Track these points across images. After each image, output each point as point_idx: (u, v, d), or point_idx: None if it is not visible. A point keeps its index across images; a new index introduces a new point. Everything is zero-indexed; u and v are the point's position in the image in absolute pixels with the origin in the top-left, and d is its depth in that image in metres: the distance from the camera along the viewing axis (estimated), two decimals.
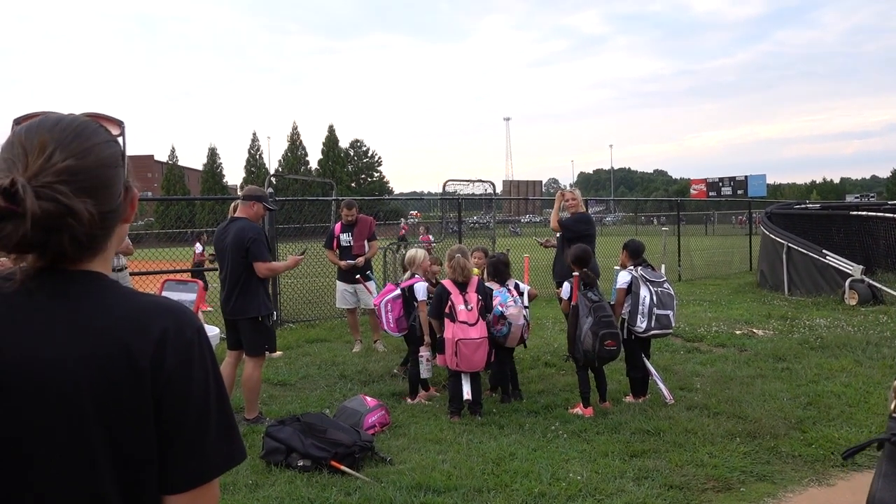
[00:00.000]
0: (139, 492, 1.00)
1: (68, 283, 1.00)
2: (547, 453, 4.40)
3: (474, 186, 12.66)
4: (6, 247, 0.93)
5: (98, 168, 0.99)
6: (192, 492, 1.02)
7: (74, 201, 0.93)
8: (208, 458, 1.03)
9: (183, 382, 1.01)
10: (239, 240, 4.96)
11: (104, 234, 1.02)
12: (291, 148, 63.59)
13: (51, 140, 0.96)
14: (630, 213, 43.43)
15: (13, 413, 0.93)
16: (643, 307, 5.44)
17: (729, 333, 8.31)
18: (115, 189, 1.02)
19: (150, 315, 1.01)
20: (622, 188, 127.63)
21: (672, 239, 16.76)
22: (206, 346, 1.05)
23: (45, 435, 0.94)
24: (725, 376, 6.25)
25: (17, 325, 0.96)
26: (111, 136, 1.05)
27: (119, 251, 5.69)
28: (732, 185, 54.22)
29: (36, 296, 0.98)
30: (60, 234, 0.94)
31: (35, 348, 0.95)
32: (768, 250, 12.84)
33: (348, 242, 7.64)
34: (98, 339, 0.97)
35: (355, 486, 3.92)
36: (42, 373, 0.94)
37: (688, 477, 4.01)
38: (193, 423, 1.02)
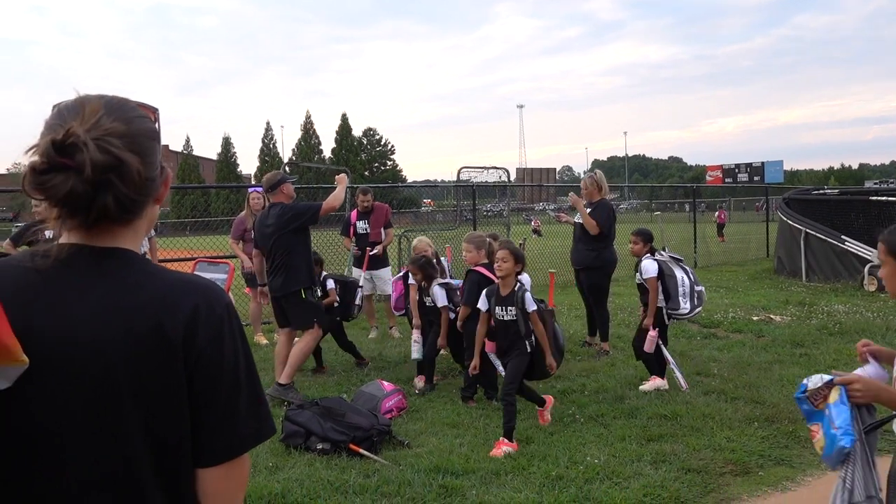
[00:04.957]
0: (173, 466, 1.02)
1: (101, 261, 1.02)
2: (564, 437, 4.42)
3: (489, 173, 12.62)
4: (53, 197, 0.95)
5: (141, 136, 1.02)
6: (224, 465, 1.05)
7: (126, 154, 0.96)
8: (239, 432, 1.05)
9: (214, 358, 1.03)
10: (281, 218, 5.20)
11: (142, 202, 1.04)
12: (305, 137, 63.76)
13: (100, 106, 1.00)
14: (645, 200, 43.12)
15: (50, 391, 0.95)
16: (683, 288, 5.35)
17: (746, 319, 8.26)
18: (154, 160, 1.05)
19: (181, 292, 1.03)
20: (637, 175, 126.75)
21: (687, 226, 16.65)
22: (235, 323, 1.07)
23: (80, 412, 0.96)
24: (743, 362, 6.23)
25: (52, 302, 0.98)
26: (148, 116, 1.09)
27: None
28: (749, 172, 53.70)
29: (71, 272, 1.00)
30: (106, 193, 0.96)
31: (70, 326, 0.97)
32: (786, 236, 12.72)
33: (364, 230, 7.67)
34: (131, 316, 0.99)
35: (374, 468, 3.96)
36: (77, 351, 0.96)
37: (706, 461, 4.01)
38: (224, 398, 1.04)
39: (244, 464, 1.09)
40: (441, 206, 30.40)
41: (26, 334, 0.92)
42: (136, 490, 1.00)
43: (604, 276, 6.72)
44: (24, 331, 0.92)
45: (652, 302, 5.35)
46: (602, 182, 6.86)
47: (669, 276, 5.37)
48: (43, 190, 0.94)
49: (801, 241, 11.85)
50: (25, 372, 0.92)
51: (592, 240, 6.62)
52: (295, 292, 5.24)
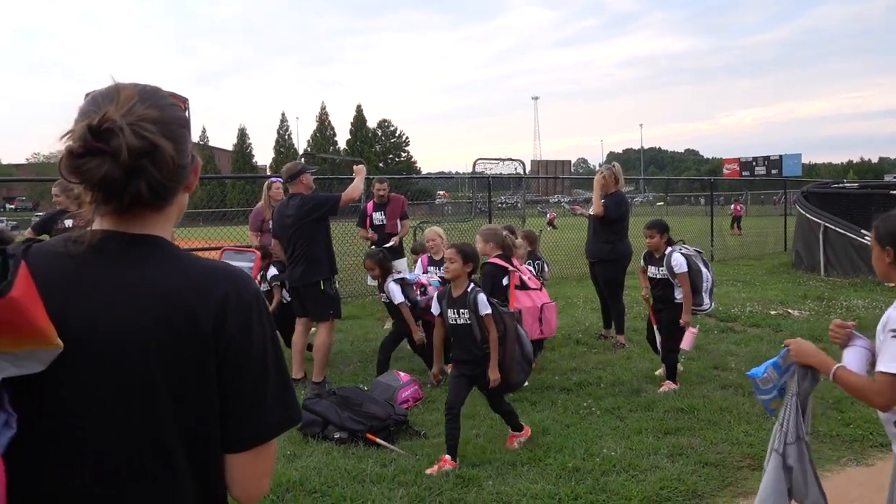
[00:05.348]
0: (203, 451, 1.04)
1: (133, 247, 1.04)
2: (580, 429, 4.42)
3: (504, 165, 12.60)
4: (88, 181, 0.96)
5: (173, 122, 1.04)
6: (252, 450, 1.06)
7: (160, 139, 0.98)
8: (267, 419, 1.07)
9: (243, 345, 1.04)
10: (301, 208, 5.25)
11: (173, 187, 1.05)
12: (320, 128, 63.88)
13: (134, 93, 1.01)
14: (661, 193, 42.82)
15: (82, 376, 0.97)
16: (707, 284, 5.26)
17: (763, 314, 8.20)
18: (185, 147, 1.06)
19: (211, 280, 1.05)
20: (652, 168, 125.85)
21: (704, 219, 16.52)
22: (264, 310, 1.08)
23: (112, 397, 0.98)
24: (761, 356, 6.17)
25: (85, 288, 0.99)
26: (179, 104, 1.10)
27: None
28: (767, 165, 53.10)
29: (103, 259, 1.02)
30: (140, 179, 0.98)
31: (102, 312, 0.98)
32: (804, 230, 12.58)
33: (381, 221, 7.70)
34: (163, 303, 1.00)
35: (391, 458, 3.99)
36: (109, 336, 0.98)
37: (723, 454, 4.00)
38: (253, 385, 1.05)
39: (271, 450, 1.10)
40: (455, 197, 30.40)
41: (60, 319, 0.94)
42: (167, 475, 1.01)
43: (619, 268, 6.70)
44: (58, 315, 0.94)
45: (686, 297, 5.16)
46: (619, 175, 6.84)
47: (696, 271, 5.23)
48: (79, 174, 0.96)
49: (819, 236, 11.72)
50: (58, 356, 0.94)
51: (607, 232, 6.60)
52: (314, 283, 5.27)
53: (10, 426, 0.93)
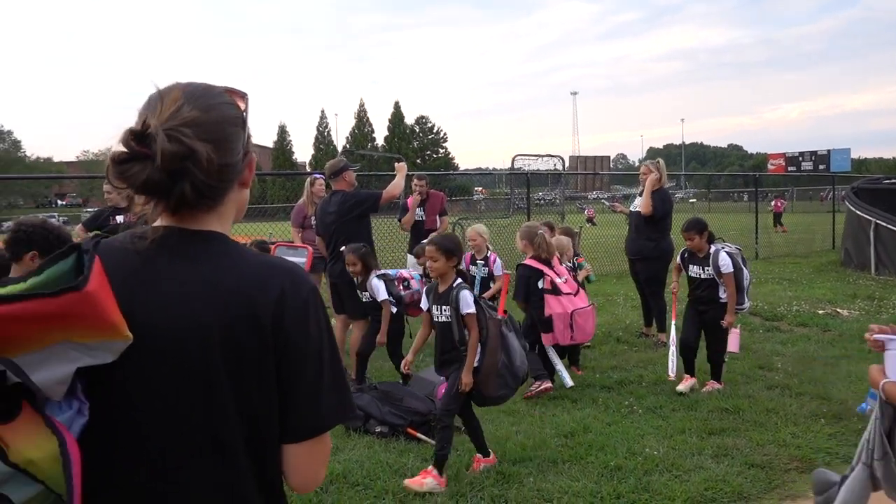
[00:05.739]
0: (262, 442, 1.07)
1: (195, 243, 1.07)
2: (622, 428, 4.38)
3: (543, 161, 12.52)
4: (133, 185, 1.00)
5: (220, 122, 1.05)
6: (308, 442, 1.09)
7: (196, 143, 1.00)
8: (322, 411, 1.09)
9: (300, 340, 1.06)
10: (343, 205, 5.33)
11: (222, 187, 1.08)
12: (358, 125, 64.42)
13: (182, 95, 1.04)
14: (702, 190, 41.99)
15: (150, 366, 1.00)
16: (746, 283, 5.17)
17: (811, 313, 7.98)
18: (234, 146, 1.08)
19: (268, 275, 1.07)
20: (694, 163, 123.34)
21: (748, 216, 16.15)
22: (319, 305, 1.11)
23: (178, 387, 1.01)
24: (808, 356, 6.03)
25: (152, 281, 1.03)
26: (235, 102, 1.12)
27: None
28: (814, 160, 51.63)
29: (167, 254, 1.05)
30: (184, 181, 1.01)
31: (167, 305, 1.02)
32: (854, 227, 12.20)
33: (421, 217, 7.72)
34: (225, 297, 1.03)
35: (431, 453, 4.00)
36: (174, 328, 1.01)
37: (770, 456, 3.92)
38: (310, 378, 1.08)
39: (327, 441, 1.13)
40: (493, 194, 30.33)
41: (128, 312, 0.97)
42: (228, 467, 1.04)
43: (661, 266, 6.60)
44: (127, 308, 0.97)
45: (731, 298, 5.03)
46: (662, 171, 6.74)
47: (739, 270, 5.11)
48: (123, 178, 0.99)
49: (870, 233, 11.34)
50: (128, 347, 0.98)
51: (651, 229, 6.51)
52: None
53: (82, 414, 0.97)
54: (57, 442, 0.90)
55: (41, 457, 0.90)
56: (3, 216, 34.74)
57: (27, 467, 0.90)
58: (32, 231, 2.68)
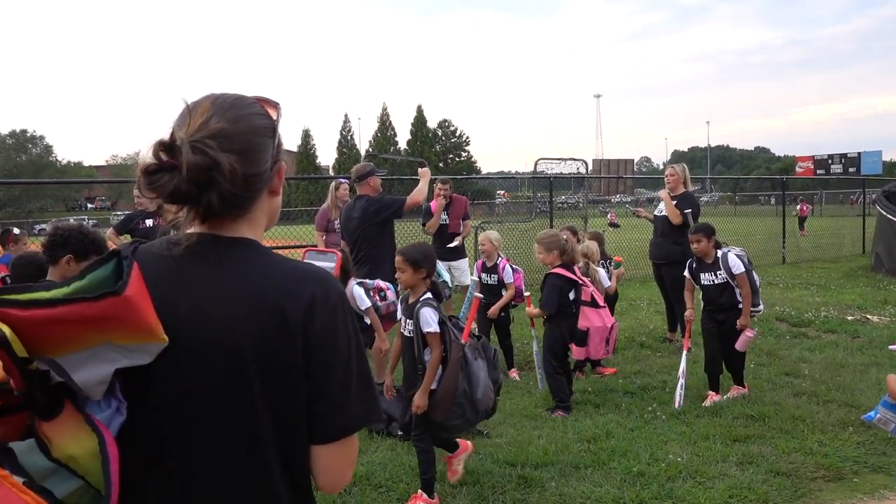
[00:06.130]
0: (291, 442, 1.10)
1: (226, 249, 1.10)
2: (645, 434, 4.36)
3: (566, 165, 12.47)
4: (161, 195, 1.04)
5: (247, 133, 1.09)
6: (336, 443, 1.12)
7: (220, 155, 1.03)
8: (350, 413, 1.12)
9: (329, 344, 1.10)
10: (366, 210, 5.36)
11: (249, 196, 1.11)
12: (381, 129, 64.72)
13: (211, 107, 1.07)
14: (728, 193, 41.45)
15: (184, 368, 1.04)
16: (757, 285, 5.08)
17: (840, 319, 7.85)
18: (261, 155, 1.11)
19: (299, 281, 1.11)
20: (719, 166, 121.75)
21: (775, 220, 15.92)
22: (348, 311, 1.14)
23: (212, 389, 1.05)
24: (836, 363, 5.94)
25: (186, 285, 1.07)
26: (265, 112, 1.15)
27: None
28: (843, 163, 50.64)
29: (201, 260, 1.09)
30: (210, 191, 1.04)
31: (202, 308, 1.05)
32: (885, 232, 11.97)
33: (444, 221, 7.75)
34: (257, 301, 1.07)
35: None
36: (208, 331, 1.05)
37: (796, 464, 3.87)
38: (338, 381, 1.11)
39: (354, 442, 1.16)
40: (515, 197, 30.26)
41: (164, 315, 1.01)
42: (262, 462, 1.08)
43: None
44: (163, 312, 1.01)
45: (747, 298, 4.93)
46: (687, 175, 6.73)
47: (750, 270, 5.03)
48: (152, 188, 1.03)
49: None
50: (163, 349, 1.01)
51: (677, 233, 6.46)
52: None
53: (120, 413, 1.01)
54: (97, 439, 0.94)
55: (82, 453, 0.94)
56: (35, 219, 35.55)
57: (68, 463, 0.94)
58: (69, 235, 2.77)
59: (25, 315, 0.90)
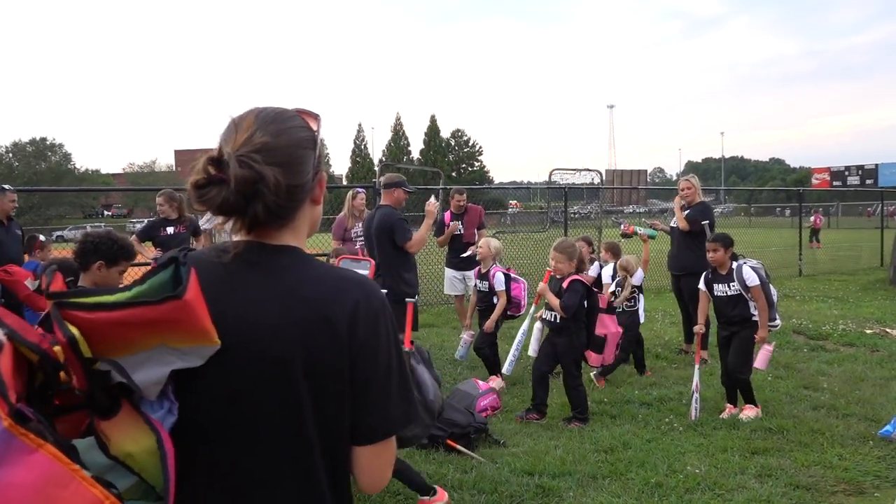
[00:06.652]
0: (334, 442, 1.14)
1: (274, 256, 1.15)
2: (662, 445, 4.35)
3: (581, 175, 12.49)
4: (211, 207, 1.09)
5: (290, 147, 1.13)
6: (377, 444, 1.16)
7: (265, 168, 1.08)
8: (391, 416, 1.16)
9: (372, 348, 1.14)
10: (382, 224, 5.39)
11: (292, 206, 1.16)
12: (395, 138, 65.10)
13: (255, 122, 1.12)
14: (743, 205, 41.21)
15: (237, 371, 1.08)
16: (774, 298, 4.98)
17: (858, 332, 7.79)
18: (303, 167, 1.15)
19: (345, 288, 1.15)
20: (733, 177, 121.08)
21: (791, 232, 15.82)
22: (389, 316, 1.18)
23: (262, 391, 1.09)
24: (855, 377, 5.89)
25: (235, 291, 1.11)
26: (307, 124, 1.19)
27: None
28: (860, 175, 50.23)
29: (247, 267, 1.13)
30: (256, 202, 1.09)
31: (251, 313, 1.10)
32: None
33: (459, 231, 7.79)
34: (303, 308, 1.11)
35: (471, 465, 4.05)
36: (258, 335, 1.09)
37: (815, 478, 3.85)
38: (380, 384, 1.15)
39: (393, 444, 1.19)
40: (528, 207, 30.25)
41: (215, 319, 1.05)
42: (307, 460, 1.11)
43: None
44: (214, 316, 1.05)
45: (763, 311, 4.84)
46: (699, 185, 6.78)
47: (766, 283, 4.91)
48: (202, 202, 1.08)
49: None
50: (214, 353, 1.06)
51: (694, 244, 6.46)
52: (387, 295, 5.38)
53: (172, 413, 1.05)
54: (154, 437, 0.98)
55: (138, 451, 0.98)
56: (53, 226, 36.01)
57: (125, 460, 0.98)
58: (99, 242, 2.84)
59: (91, 317, 0.95)
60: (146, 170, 67.59)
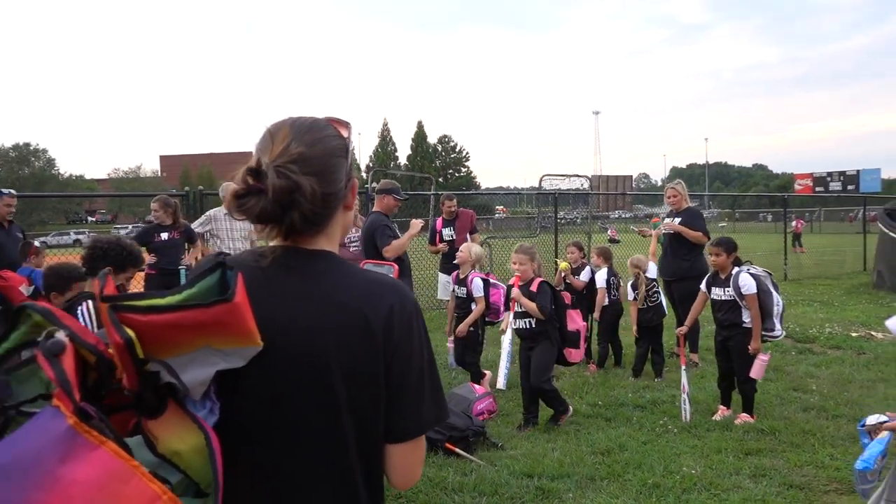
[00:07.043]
0: (371, 445, 1.18)
1: (310, 261, 1.19)
2: (658, 447, 4.42)
3: (570, 181, 12.60)
4: (250, 216, 1.13)
5: (324, 156, 1.17)
6: (409, 442, 1.20)
7: (301, 178, 1.12)
8: (422, 415, 1.20)
9: (406, 349, 1.18)
10: (367, 230, 5.48)
11: (327, 213, 1.20)
12: (382, 144, 65.16)
13: (290, 132, 1.16)
14: (726, 210, 41.64)
15: (277, 372, 1.12)
16: (778, 308, 4.88)
17: (844, 335, 7.92)
18: (337, 175, 1.19)
19: (380, 292, 1.19)
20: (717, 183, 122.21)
21: (776, 237, 16.04)
22: (421, 319, 1.22)
23: (301, 392, 1.13)
24: (843, 378, 6.00)
25: (274, 295, 1.15)
26: (338, 133, 1.24)
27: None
28: (842, 180, 51.04)
29: (285, 271, 1.17)
30: (293, 211, 1.13)
31: (290, 315, 1.14)
32: (887, 249, 12.08)
33: (451, 236, 7.82)
34: (341, 310, 1.15)
35: (470, 468, 4.09)
36: (299, 336, 1.13)
37: (808, 477, 3.93)
38: (414, 385, 1.19)
39: (423, 441, 1.23)
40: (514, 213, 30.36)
41: (257, 322, 1.08)
42: (343, 457, 1.15)
43: (697, 285, 6.62)
44: (256, 319, 1.08)
45: (756, 321, 4.81)
46: (685, 191, 6.88)
47: (766, 292, 4.85)
48: (242, 211, 1.12)
49: None
50: (256, 355, 1.09)
51: (686, 249, 6.55)
52: None
53: (213, 413, 1.08)
54: (202, 436, 1.01)
55: (185, 449, 1.01)
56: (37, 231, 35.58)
57: (172, 458, 1.01)
58: (108, 248, 2.85)
59: (145, 320, 0.98)
60: (131, 175, 66.99)
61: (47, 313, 1.00)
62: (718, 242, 5.14)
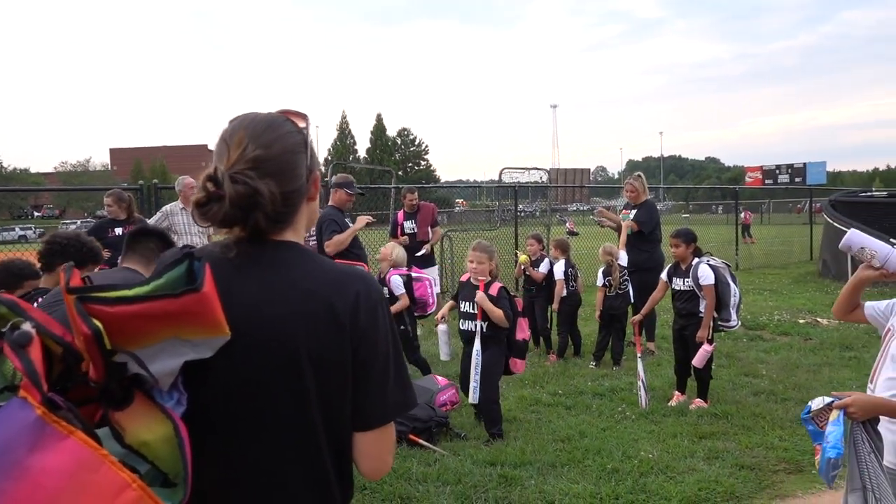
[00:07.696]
0: (339, 431, 1.20)
1: (277, 251, 1.20)
2: (616, 433, 4.53)
3: (530, 174, 12.72)
4: (214, 222, 1.14)
5: (282, 154, 1.18)
6: (377, 430, 1.22)
7: (259, 183, 1.13)
8: (390, 401, 1.22)
9: (371, 337, 1.20)
10: (317, 225, 5.48)
11: (290, 210, 1.21)
12: (340, 137, 64.58)
13: (246, 135, 1.17)
14: (681, 202, 42.65)
15: (244, 361, 1.13)
16: (734, 299, 5.00)
17: (792, 322, 8.24)
18: (297, 171, 1.20)
19: (346, 280, 1.21)
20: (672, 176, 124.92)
21: (728, 228, 16.50)
22: (386, 308, 1.24)
23: (269, 379, 1.14)
24: (791, 364, 6.25)
25: (242, 285, 1.16)
26: (296, 127, 1.24)
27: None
28: (790, 173, 52.79)
29: (252, 262, 1.18)
30: (255, 212, 1.14)
31: (257, 304, 1.15)
32: (832, 239, 12.55)
33: (412, 230, 7.82)
34: (309, 297, 1.16)
35: (434, 458, 4.12)
36: (267, 324, 1.14)
37: (759, 458, 4.09)
38: (379, 372, 1.21)
39: (391, 429, 1.25)
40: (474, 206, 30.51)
41: (225, 312, 1.08)
42: (312, 443, 1.16)
43: (654, 276, 6.75)
44: (224, 308, 1.08)
45: (708, 311, 4.93)
46: (645, 184, 7.01)
47: (724, 284, 4.96)
48: (205, 218, 1.13)
49: None
50: (224, 344, 1.09)
51: (643, 241, 6.70)
52: None
53: (181, 404, 1.09)
54: (170, 426, 1.02)
55: (153, 439, 1.02)
56: None
57: (140, 448, 1.01)
58: (67, 243, 2.78)
59: (112, 311, 0.98)
60: (80, 169, 64.86)
61: (13, 305, 0.99)
62: (678, 234, 5.24)
